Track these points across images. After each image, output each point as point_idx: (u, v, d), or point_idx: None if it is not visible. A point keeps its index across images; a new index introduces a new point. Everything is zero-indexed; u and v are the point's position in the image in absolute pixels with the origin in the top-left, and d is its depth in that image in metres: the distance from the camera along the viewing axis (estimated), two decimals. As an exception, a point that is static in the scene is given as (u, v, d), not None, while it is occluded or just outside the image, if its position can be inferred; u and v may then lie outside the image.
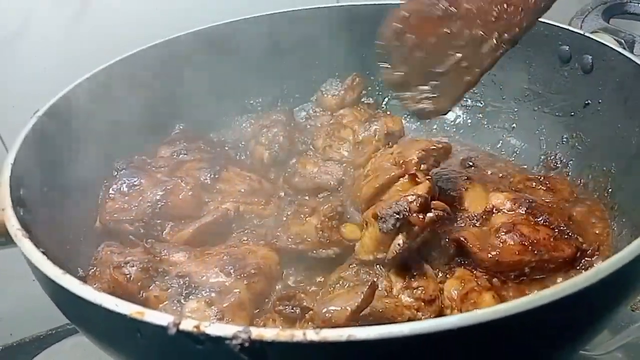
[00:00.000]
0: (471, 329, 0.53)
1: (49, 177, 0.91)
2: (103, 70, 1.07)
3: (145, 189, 0.99)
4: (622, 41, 1.18)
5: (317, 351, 0.52)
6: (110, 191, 0.98)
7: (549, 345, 0.62)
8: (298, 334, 0.51)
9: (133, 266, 0.84)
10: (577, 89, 1.11)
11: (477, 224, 0.92)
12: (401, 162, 0.89)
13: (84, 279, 0.85)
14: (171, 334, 0.52)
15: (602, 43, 1.06)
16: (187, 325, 0.52)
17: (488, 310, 0.53)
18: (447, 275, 0.86)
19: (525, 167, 1.17)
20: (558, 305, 0.55)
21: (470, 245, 0.86)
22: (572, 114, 1.13)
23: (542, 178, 1.03)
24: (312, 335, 0.51)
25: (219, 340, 0.52)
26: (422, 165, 0.88)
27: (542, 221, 0.89)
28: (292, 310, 0.77)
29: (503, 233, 0.87)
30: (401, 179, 0.88)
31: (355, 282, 0.83)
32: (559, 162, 1.13)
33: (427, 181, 0.86)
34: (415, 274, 0.83)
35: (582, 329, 0.65)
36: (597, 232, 0.93)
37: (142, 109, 1.10)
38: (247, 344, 0.51)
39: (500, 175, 1.10)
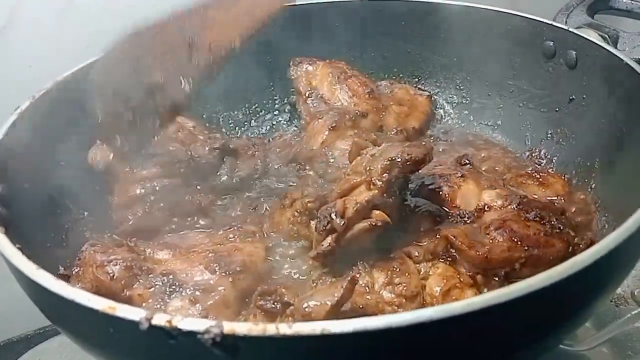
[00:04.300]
0: (446, 321, 0.53)
1: (31, 174, 0.90)
2: (87, 66, 1.06)
3: None
4: (607, 36, 1.18)
5: (290, 345, 0.52)
6: None
7: (527, 338, 0.62)
8: (271, 328, 0.51)
9: (116, 265, 0.84)
10: (562, 84, 1.11)
11: (468, 222, 0.92)
12: (369, 168, 0.88)
13: (64, 278, 0.84)
14: (143, 329, 0.52)
15: (586, 38, 1.06)
16: (160, 320, 0.52)
17: (463, 302, 0.53)
18: (430, 272, 0.85)
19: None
20: (535, 297, 0.55)
21: (459, 243, 0.85)
22: (557, 109, 1.13)
23: (534, 173, 1.03)
24: (285, 329, 0.51)
25: (191, 334, 0.51)
26: (384, 175, 0.85)
27: (533, 217, 0.88)
28: (273, 306, 0.76)
29: (492, 230, 0.86)
30: (362, 185, 0.87)
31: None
32: (543, 158, 1.13)
33: (376, 190, 0.85)
34: (397, 269, 0.83)
35: (560, 322, 0.65)
36: (589, 226, 0.93)
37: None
38: (219, 339, 0.51)
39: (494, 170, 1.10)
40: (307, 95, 1.24)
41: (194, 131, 1.12)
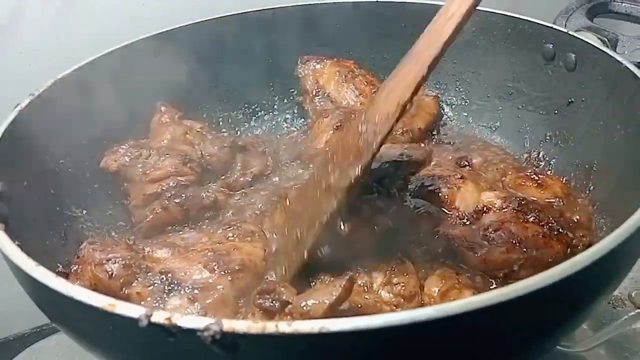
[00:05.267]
0: (447, 320, 0.53)
1: (30, 172, 0.90)
2: (87, 64, 1.06)
3: None
4: (606, 40, 1.19)
5: (289, 343, 0.52)
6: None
7: (525, 339, 0.63)
8: (270, 326, 0.51)
9: (115, 263, 0.84)
10: (561, 87, 1.11)
11: (467, 223, 0.92)
12: None
13: (63, 276, 0.84)
14: (143, 326, 0.52)
15: (585, 41, 1.07)
16: (159, 317, 0.52)
17: (463, 301, 0.53)
18: (429, 273, 0.86)
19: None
20: (534, 297, 0.55)
21: (458, 245, 0.86)
22: (556, 111, 1.13)
23: (533, 175, 1.03)
24: (284, 327, 0.51)
25: (190, 332, 0.51)
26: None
27: (532, 218, 0.88)
28: (272, 304, 0.76)
29: (491, 232, 0.87)
30: None
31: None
32: (542, 160, 1.13)
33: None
34: (396, 270, 0.83)
35: (558, 322, 0.65)
36: (587, 228, 0.93)
37: (128, 105, 1.10)
38: (218, 336, 0.51)
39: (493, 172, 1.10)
40: (313, 93, 1.25)
41: (202, 132, 1.13)
